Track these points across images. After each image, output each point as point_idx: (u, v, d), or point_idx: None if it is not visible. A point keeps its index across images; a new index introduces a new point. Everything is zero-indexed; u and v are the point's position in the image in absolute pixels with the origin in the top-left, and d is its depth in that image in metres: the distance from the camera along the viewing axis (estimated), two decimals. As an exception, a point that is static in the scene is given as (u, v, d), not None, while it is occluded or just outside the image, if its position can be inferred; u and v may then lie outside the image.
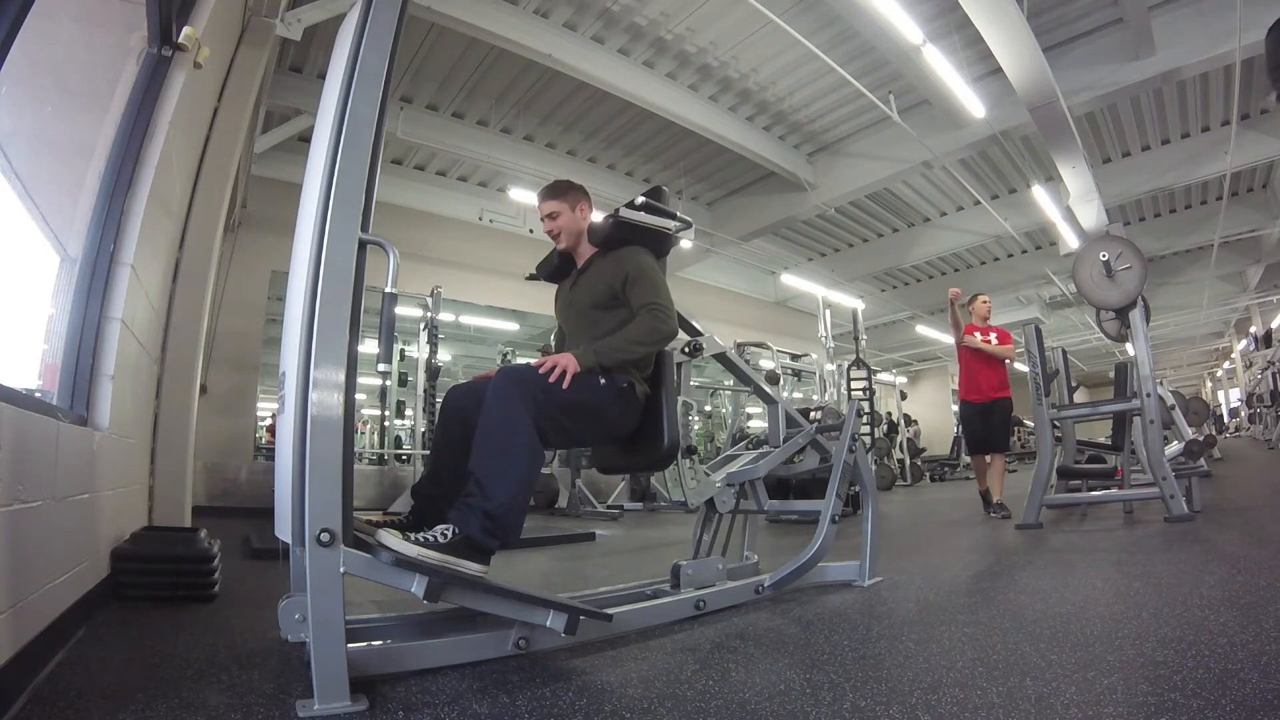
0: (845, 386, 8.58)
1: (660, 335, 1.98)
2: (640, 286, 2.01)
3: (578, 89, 6.96)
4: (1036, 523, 4.06)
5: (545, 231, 2.18)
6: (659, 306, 1.98)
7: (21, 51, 1.56)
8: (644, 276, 2.02)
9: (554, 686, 1.45)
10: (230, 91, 3.82)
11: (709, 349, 2.37)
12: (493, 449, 1.65)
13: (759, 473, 2.49)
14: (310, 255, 1.43)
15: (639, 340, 1.94)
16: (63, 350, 2.17)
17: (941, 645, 1.67)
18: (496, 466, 1.64)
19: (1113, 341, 5.24)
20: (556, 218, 2.13)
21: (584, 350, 1.87)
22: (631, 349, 1.93)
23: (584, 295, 2.12)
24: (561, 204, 2.13)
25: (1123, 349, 7.12)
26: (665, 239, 2.20)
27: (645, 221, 2.13)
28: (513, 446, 1.66)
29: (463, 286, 8.53)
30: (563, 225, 2.13)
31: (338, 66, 1.59)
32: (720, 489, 2.34)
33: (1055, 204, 8.27)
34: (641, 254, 2.08)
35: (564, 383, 1.79)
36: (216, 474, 6.34)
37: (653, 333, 1.96)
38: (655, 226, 2.15)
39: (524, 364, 1.83)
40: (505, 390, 1.71)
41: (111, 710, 1.28)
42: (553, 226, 2.14)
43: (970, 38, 5.66)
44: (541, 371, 1.79)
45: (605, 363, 1.88)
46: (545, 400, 1.76)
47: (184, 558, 2.38)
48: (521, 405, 1.69)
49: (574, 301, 2.16)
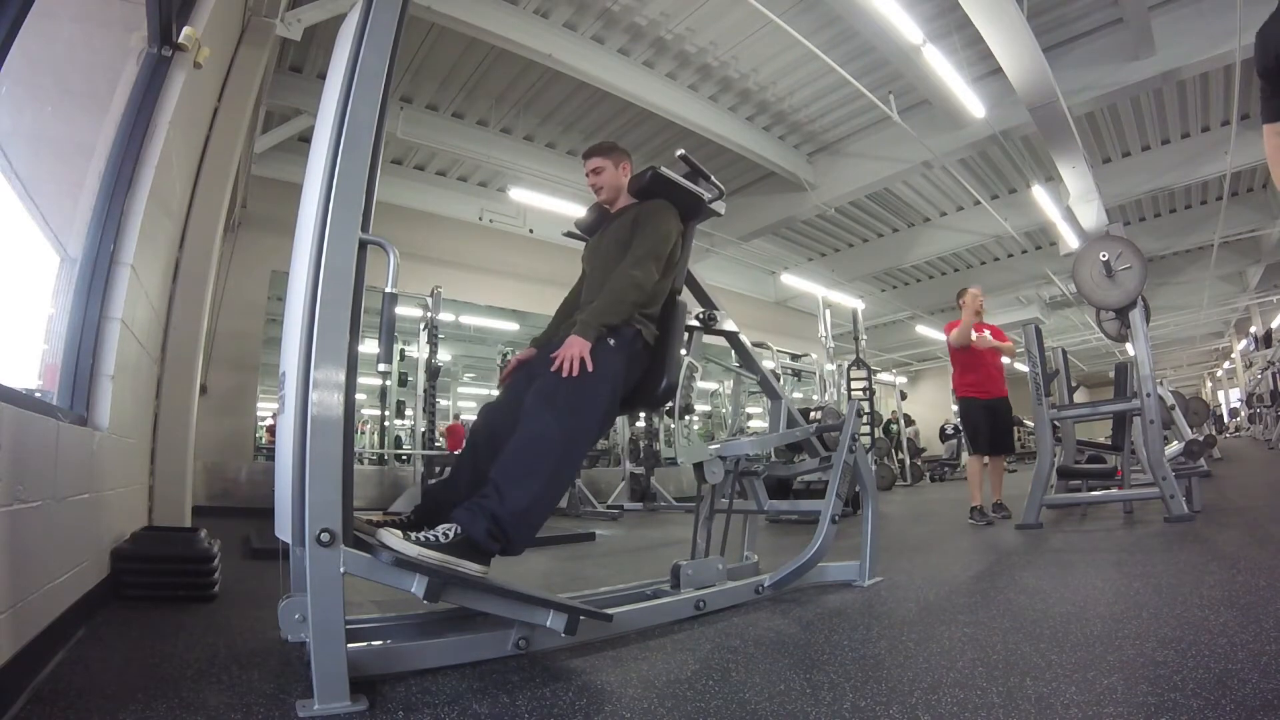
0: (845, 386, 8.59)
1: (638, 284, 1.96)
2: (642, 232, 2.07)
3: (578, 89, 6.96)
4: (1036, 523, 4.06)
5: (589, 185, 2.30)
6: (642, 259, 2.01)
7: (21, 51, 1.56)
8: (650, 223, 2.08)
9: (554, 686, 1.45)
10: (230, 91, 3.82)
11: (723, 323, 2.43)
12: (519, 458, 1.67)
13: (751, 448, 2.49)
14: (310, 255, 1.43)
15: (620, 297, 1.94)
16: (63, 350, 2.17)
17: (941, 645, 1.67)
18: (519, 477, 1.64)
19: (1113, 341, 5.23)
20: (601, 173, 2.28)
21: (581, 327, 1.87)
22: (619, 309, 1.92)
23: (609, 243, 2.19)
24: (606, 160, 2.28)
25: (1123, 349, 7.13)
26: (698, 202, 2.27)
27: (681, 181, 2.22)
28: (539, 459, 1.68)
29: (463, 286, 8.53)
30: (605, 180, 2.28)
31: (338, 66, 1.59)
32: (711, 458, 2.35)
33: (1055, 204, 8.27)
34: (664, 208, 2.15)
35: (587, 364, 1.78)
36: (216, 474, 6.34)
37: (632, 283, 1.96)
38: (689, 188, 2.24)
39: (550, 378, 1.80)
40: (541, 411, 1.73)
41: (111, 710, 1.28)
42: (596, 181, 2.28)
43: (970, 38, 5.66)
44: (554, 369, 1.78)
45: (607, 323, 1.89)
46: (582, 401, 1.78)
47: (184, 558, 2.38)
48: (558, 424, 1.71)
49: (600, 245, 2.25)
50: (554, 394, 1.77)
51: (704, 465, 2.34)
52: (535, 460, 1.67)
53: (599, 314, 1.90)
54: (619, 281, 1.96)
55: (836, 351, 9.58)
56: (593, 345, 1.83)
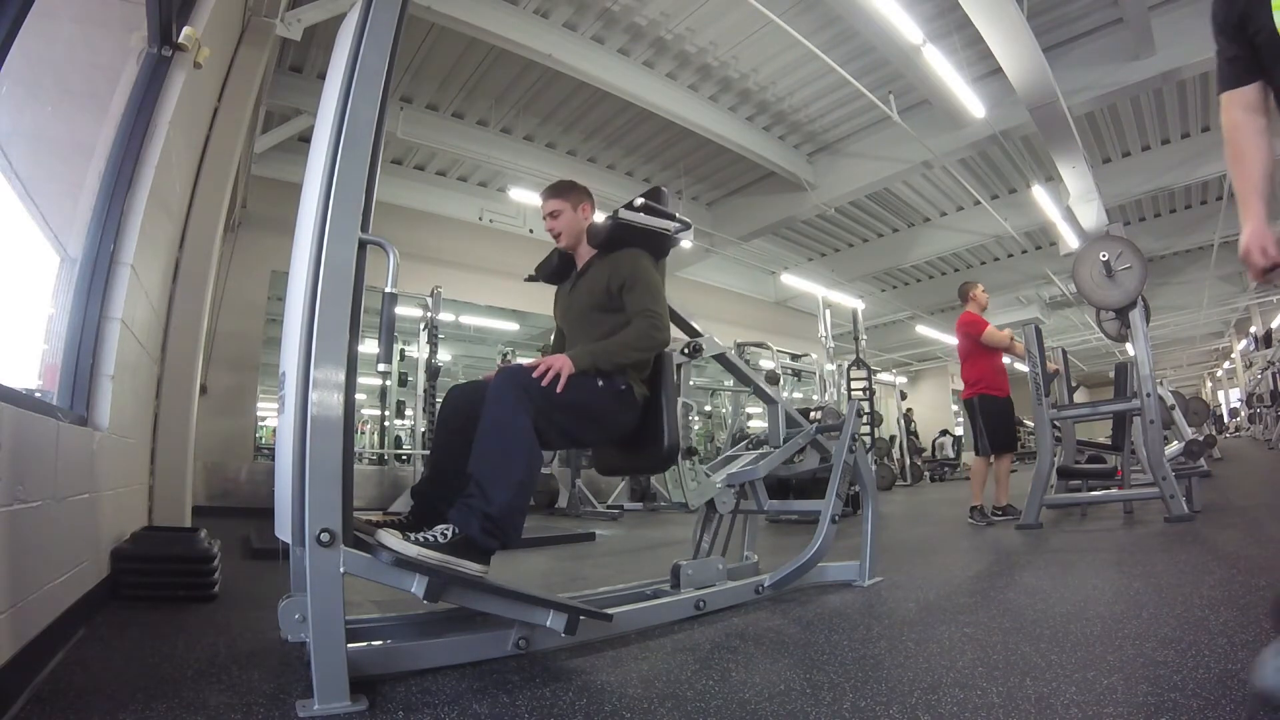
0: (845, 386, 8.59)
1: (652, 342, 1.98)
2: (636, 291, 2.01)
3: (578, 89, 6.96)
4: (1036, 523, 4.06)
5: (546, 229, 2.18)
6: (653, 314, 1.99)
7: (21, 51, 1.56)
8: (640, 281, 2.03)
9: (554, 686, 1.45)
10: (230, 91, 3.82)
11: (708, 350, 2.37)
12: (493, 451, 1.65)
13: (759, 474, 2.49)
14: (310, 255, 1.43)
15: (632, 346, 1.95)
16: (63, 350, 2.17)
17: (941, 645, 1.67)
18: (496, 469, 1.64)
19: (1113, 341, 5.23)
20: (558, 216, 2.14)
21: (579, 352, 1.87)
22: (625, 354, 1.93)
23: (583, 297, 2.12)
24: (564, 203, 2.14)
25: (1123, 349, 7.12)
26: (664, 240, 2.19)
27: (644, 223, 2.13)
28: (513, 449, 1.66)
29: (463, 286, 8.52)
30: (564, 225, 2.14)
31: (338, 66, 1.59)
32: (720, 490, 2.35)
33: (1055, 204, 8.27)
34: (640, 258, 2.08)
35: (558, 385, 1.78)
36: (216, 474, 6.34)
37: (645, 339, 1.96)
38: (654, 228, 2.14)
39: (523, 364, 1.83)
40: (504, 392, 1.71)
41: (111, 710, 1.28)
42: (554, 225, 2.15)
43: (970, 38, 5.66)
44: (535, 375, 1.78)
45: (600, 365, 1.88)
46: (544, 402, 1.76)
47: (184, 558, 2.38)
48: (521, 407, 1.69)
49: (573, 304, 2.17)
50: (517, 373, 1.77)
51: (714, 499, 2.33)
52: (509, 449, 1.66)
53: (597, 354, 1.88)
54: (634, 332, 1.95)
55: (836, 351, 9.57)
56: (578, 372, 1.82)
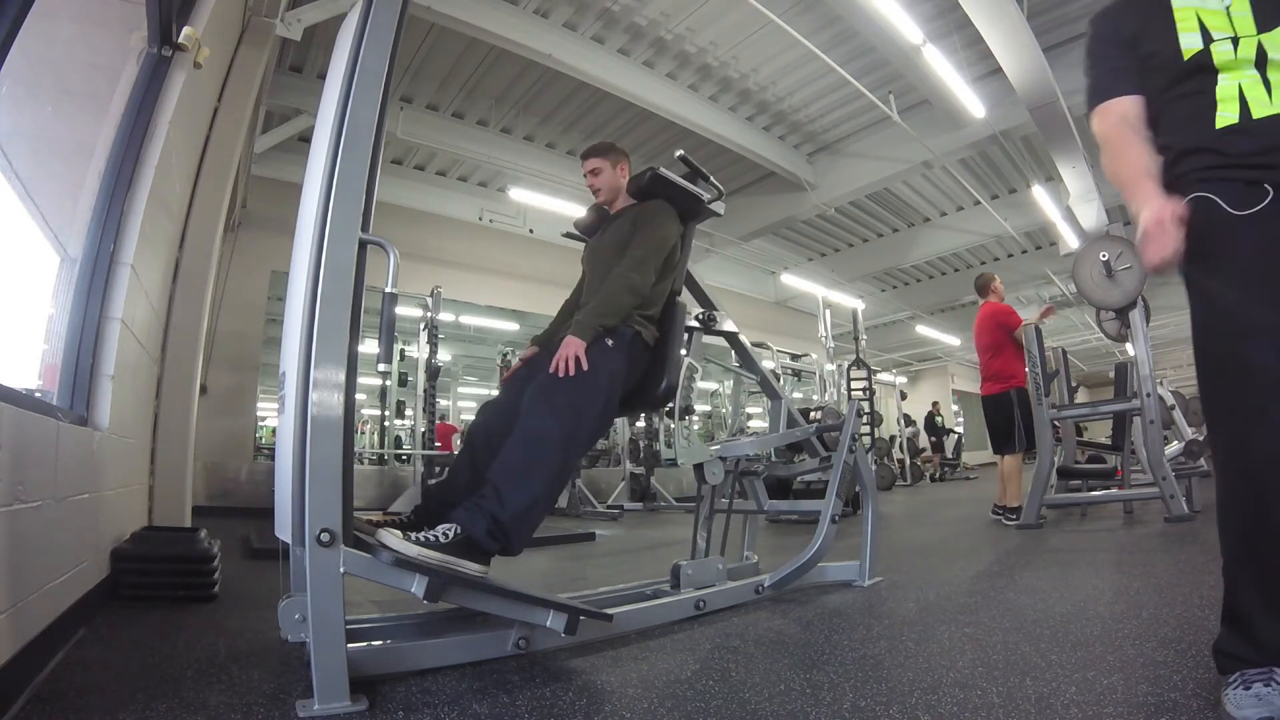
0: (845, 386, 8.59)
1: (634, 287, 1.97)
2: (640, 234, 2.06)
3: (578, 89, 6.96)
4: (1036, 523, 4.06)
5: (587, 185, 2.30)
6: (638, 260, 2.00)
7: (21, 51, 1.56)
8: (649, 225, 2.08)
9: (554, 686, 1.45)
10: (230, 91, 3.82)
11: (722, 323, 2.42)
12: (517, 459, 1.66)
13: (751, 448, 2.49)
14: (310, 255, 1.43)
15: (616, 299, 1.94)
16: (63, 350, 2.17)
17: (941, 645, 1.67)
18: (517, 475, 1.64)
19: (1113, 341, 5.23)
20: (599, 174, 2.26)
21: (576, 327, 1.87)
22: (614, 308, 1.92)
23: (608, 241, 2.19)
24: (604, 161, 2.26)
25: (1123, 349, 7.12)
26: (697, 203, 2.27)
27: (680, 182, 2.21)
28: (538, 460, 1.67)
29: (463, 286, 8.53)
30: (604, 181, 2.26)
31: (338, 66, 1.59)
32: (711, 459, 2.35)
33: (1055, 204, 8.27)
34: (662, 209, 2.15)
35: (583, 364, 1.78)
36: (216, 474, 6.34)
37: (628, 287, 1.96)
38: (689, 189, 2.23)
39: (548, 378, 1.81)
40: (540, 409, 1.73)
41: (111, 710, 1.28)
42: (595, 182, 2.27)
43: (970, 38, 5.66)
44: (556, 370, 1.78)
45: (605, 324, 1.89)
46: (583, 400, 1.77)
47: (184, 558, 2.38)
48: (557, 423, 1.71)
49: (600, 247, 2.24)
50: (552, 393, 1.77)
51: (704, 466, 2.34)
52: (533, 461, 1.67)
53: (595, 315, 1.89)
54: (615, 284, 1.96)
55: (836, 351, 9.58)
56: (590, 345, 1.83)
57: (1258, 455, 1.13)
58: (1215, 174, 1.23)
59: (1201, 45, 1.25)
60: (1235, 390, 1.18)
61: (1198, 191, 1.25)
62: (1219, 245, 1.21)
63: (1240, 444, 1.17)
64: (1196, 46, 1.26)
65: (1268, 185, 1.19)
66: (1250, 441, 1.15)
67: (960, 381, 19.86)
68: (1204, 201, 1.23)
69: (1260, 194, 1.19)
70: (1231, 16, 1.25)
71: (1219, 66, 1.24)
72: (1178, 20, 1.28)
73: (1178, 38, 1.28)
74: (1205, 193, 1.23)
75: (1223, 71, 1.24)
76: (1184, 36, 1.27)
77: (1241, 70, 1.22)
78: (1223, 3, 1.27)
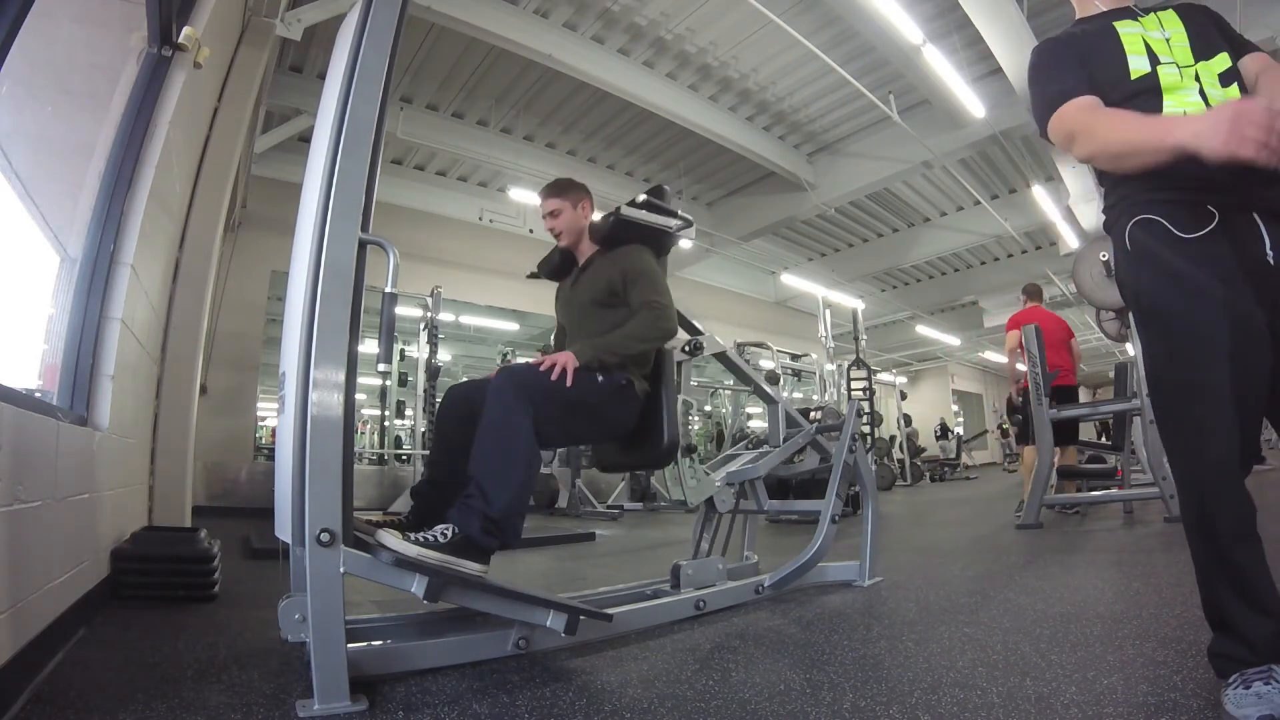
0: (845, 386, 8.59)
1: (659, 331, 1.99)
2: (640, 284, 2.02)
3: (578, 89, 6.96)
4: (1036, 523, 4.06)
5: (547, 229, 2.19)
6: (658, 304, 1.99)
7: (21, 51, 1.56)
8: (643, 275, 2.03)
9: (554, 686, 1.45)
10: (230, 91, 3.82)
11: (709, 348, 2.37)
12: (492, 452, 1.65)
13: (758, 472, 2.49)
14: (310, 255, 1.43)
15: (638, 337, 1.95)
16: (63, 350, 2.17)
17: (941, 645, 1.67)
18: (496, 470, 1.64)
19: (1113, 341, 5.23)
20: (558, 215, 2.15)
21: (582, 346, 1.87)
22: (630, 345, 1.94)
23: (584, 293, 2.13)
24: (563, 202, 2.14)
25: (1123, 349, 7.12)
26: (666, 237, 2.21)
27: (646, 220, 2.14)
28: (512, 450, 1.66)
29: (463, 286, 8.52)
30: (564, 223, 2.15)
31: (338, 66, 1.59)
32: (720, 488, 2.35)
33: (1055, 204, 8.27)
34: (641, 252, 2.10)
35: (566, 380, 1.79)
36: (216, 474, 6.34)
37: (652, 329, 1.97)
38: (656, 225, 2.16)
39: (523, 363, 1.84)
40: (504, 391, 1.71)
41: (111, 710, 1.28)
42: (554, 224, 2.16)
43: (970, 38, 5.66)
44: (542, 369, 1.79)
45: (604, 359, 1.89)
46: (544, 400, 1.76)
47: (184, 558, 2.38)
48: (520, 406, 1.69)
49: (574, 299, 2.17)
50: (524, 376, 1.77)
51: (714, 497, 2.34)
52: (508, 449, 1.66)
53: (601, 348, 1.89)
54: (640, 323, 1.95)
55: (836, 351, 9.58)
56: (580, 367, 1.83)
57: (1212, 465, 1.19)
58: (1161, 197, 1.25)
59: (1149, 68, 1.29)
60: (1185, 406, 1.23)
61: (1144, 215, 1.27)
62: (1166, 268, 1.24)
63: (1198, 456, 1.22)
64: (1145, 69, 1.29)
65: (1212, 208, 1.21)
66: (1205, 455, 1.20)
67: (960, 381, 19.88)
68: (1151, 224, 1.25)
69: (1207, 217, 1.21)
70: (1172, 47, 1.30)
71: (1165, 88, 1.27)
72: (1125, 44, 1.33)
73: (1126, 60, 1.31)
74: (1152, 215, 1.25)
75: (1168, 94, 1.27)
76: (1132, 59, 1.31)
77: (1186, 94, 1.26)
78: (1164, 34, 1.32)
